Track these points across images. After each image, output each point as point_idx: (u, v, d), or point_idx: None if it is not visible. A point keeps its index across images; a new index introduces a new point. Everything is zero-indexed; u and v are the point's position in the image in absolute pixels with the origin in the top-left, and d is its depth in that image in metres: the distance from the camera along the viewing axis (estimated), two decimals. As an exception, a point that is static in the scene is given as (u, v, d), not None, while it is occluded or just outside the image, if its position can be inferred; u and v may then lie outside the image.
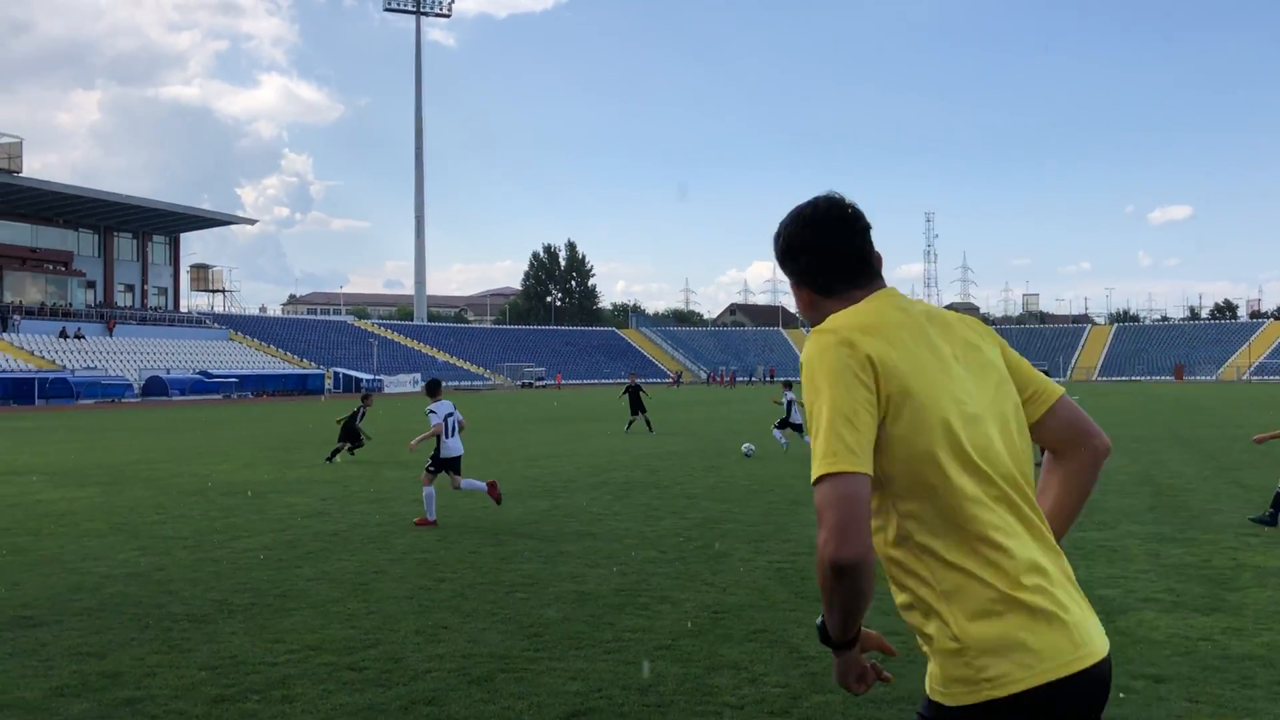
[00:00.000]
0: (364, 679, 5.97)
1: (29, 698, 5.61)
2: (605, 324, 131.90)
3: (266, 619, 7.38)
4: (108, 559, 9.79)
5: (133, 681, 5.90)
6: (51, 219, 76.41)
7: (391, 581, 8.68)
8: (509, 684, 5.88)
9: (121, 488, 15.87)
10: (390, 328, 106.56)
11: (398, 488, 15.55)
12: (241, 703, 5.54)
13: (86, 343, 69.74)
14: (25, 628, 7.16)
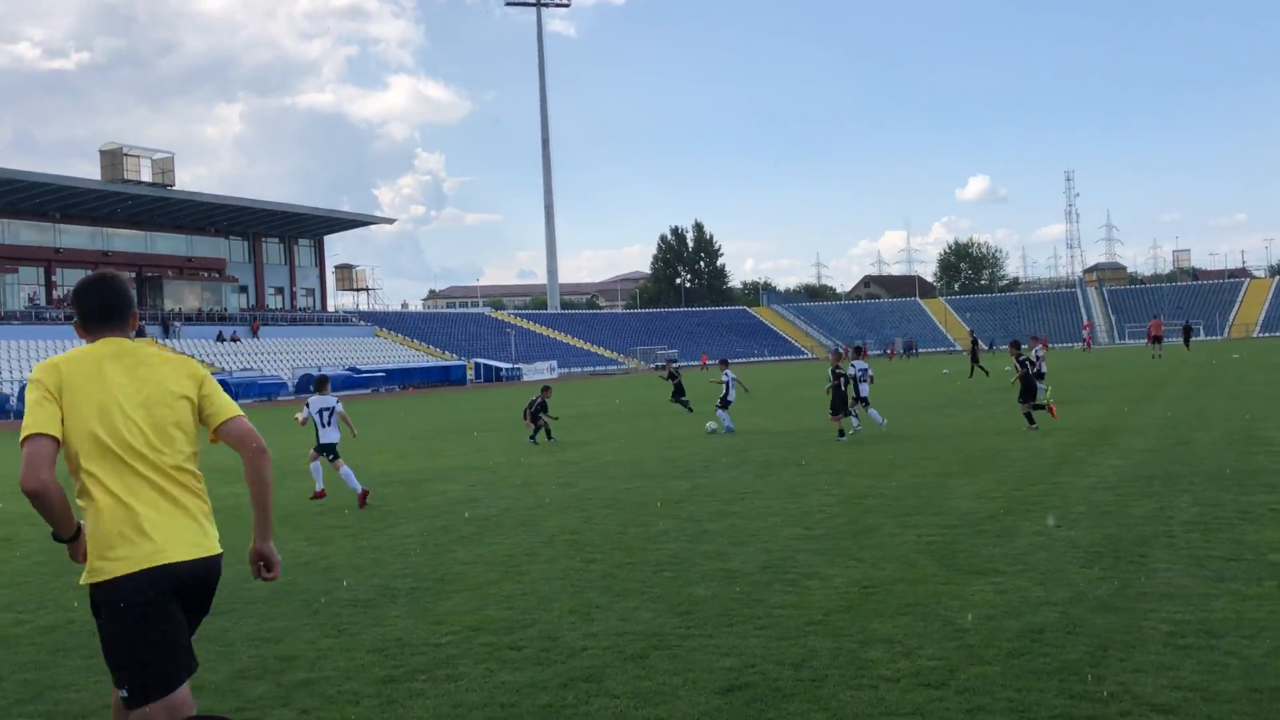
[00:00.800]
0: (523, 658, 6.15)
1: (215, 680, 5.97)
2: (735, 303, 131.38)
3: (427, 602, 7.67)
4: (277, 549, 10.27)
5: (307, 664, 6.22)
6: (204, 228, 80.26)
7: (543, 563, 8.90)
8: (663, 660, 5.98)
9: (283, 481, 16.63)
10: (526, 317, 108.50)
11: (543, 473, 15.87)
12: (409, 682, 5.78)
13: (242, 344, 73.17)
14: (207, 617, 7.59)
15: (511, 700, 5.39)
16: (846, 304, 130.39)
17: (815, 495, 12.09)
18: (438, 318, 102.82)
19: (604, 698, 5.39)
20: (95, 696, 5.76)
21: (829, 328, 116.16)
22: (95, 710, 5.52)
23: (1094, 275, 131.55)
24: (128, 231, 75.22)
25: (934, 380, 41.04)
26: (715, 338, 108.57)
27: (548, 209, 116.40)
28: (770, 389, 40.04)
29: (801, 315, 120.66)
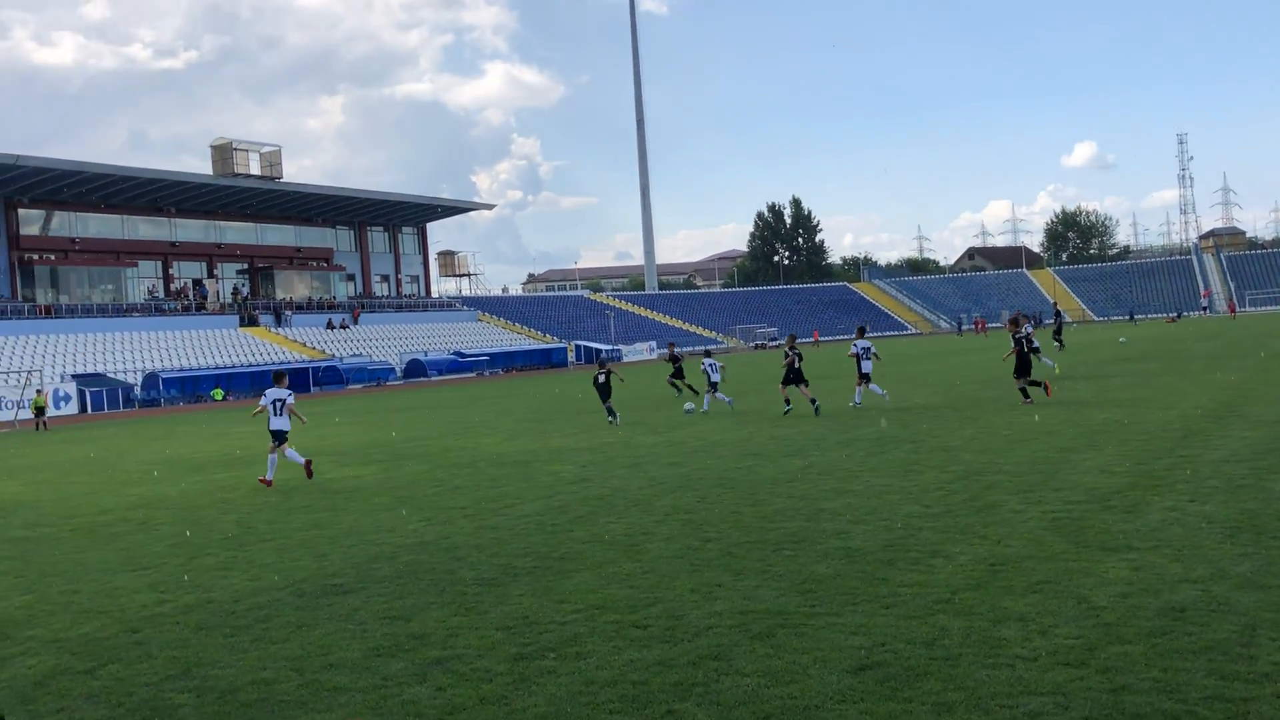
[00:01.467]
0: (649, 636, 6.18)
1: (352, 658, 6.13)
2: (835, 279, 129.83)
3: (550, 580, 7.76)
4: (399, 530, 10.54)
5: (438, 642, 6.34)
6: (312, 219, 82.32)
7: (660, 542, 8.92)
8: (791, 639, 5.94)
9: (399, 464, 17.01)
10: (624, 298, 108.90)
11: (652, 453, 15.92)
12: (539, 660, 5.85)
13: (351, 331, 74.99)
14: (338, 595, 7.82)
15: (642, 678, 5.42)
16: (951, 277, 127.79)
17: (931, 472, 11.89)
18: (538, 301, 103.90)
19: (734, 676, 5.39)
20: (240, 673, 5.97)
21: (933, 302, 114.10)
22: (241, 686, 5.72)
23: (1210, 241, 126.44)
24: (239, 224, 77.56)
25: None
26: (815, 315, 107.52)
27: (643, 190, 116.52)
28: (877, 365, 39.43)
29: (904, 290, 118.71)
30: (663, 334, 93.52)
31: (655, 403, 27.74)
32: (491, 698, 5.26)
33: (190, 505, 13.63)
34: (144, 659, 6.40)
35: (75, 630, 7.24)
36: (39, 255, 65.53)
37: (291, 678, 5.82)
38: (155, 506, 13.73)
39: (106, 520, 12.73)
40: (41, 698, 5.75)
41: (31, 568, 9.82)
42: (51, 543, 11.29)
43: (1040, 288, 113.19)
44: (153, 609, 7.76)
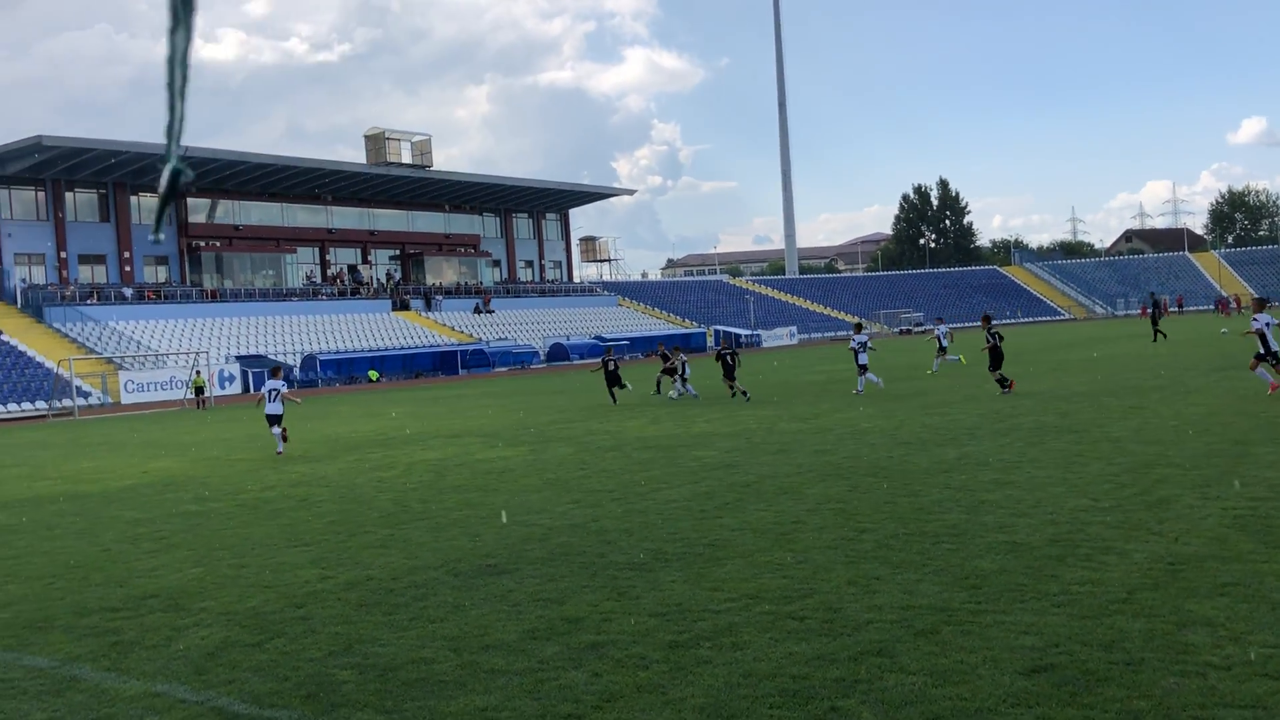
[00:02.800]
0: (807, 628, 6.01)
1: (507, 640, 6.16)
2: (984, 263, 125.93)
3: (701, 568, 7.66)
4: (548, 512, 10.61)
5: (592, 626, 6.31)
6: (460, 206, 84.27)
7: (813, 532, 8.73)
8: (956, 636, 5.70)
9: (546, 446, 17.20)
10: (763, 283, 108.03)
11: (797, 439, 15.67)
12: (695, 649, 5.76)
13: (497, 316, 76.57)
14: (492, 575, 7.90)
15: (802, 672, 5.26)
16: (1107, 260, 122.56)
17: (1097, 464, 11.33)
18: (677, 286, 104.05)
19: (898, 674, 5.18)
20: (399, 651, 6.06)
21: (1088, 286, 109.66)
22: (401, 665, 5.80)
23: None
24: (391, 211, 79.95)
25: (1209, 339, 37.88)
26: (963, 299, 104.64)
27: (784, 173, 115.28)
28: (1032, 351, 38.14)
29: (1057, 274, 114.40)
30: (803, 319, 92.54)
31: (798, 389, 27.40)
32: (648, 686, 5.19)
33: (347, 483, 14.05)
34: (308, 634, 6.57)
35: (243, 604, 7.50)
36: (205, 242, 68.89)
37: (450, 658, 5.87)
38: (315, 484, 14.21)
39: (270, 497, 13.22)
40: (213, 669, 5.94)
41: (201, 541, 10.25)
42: (220, 517, 11.78)
43: (1204, 271, 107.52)
44: (315, 585, 7.98)
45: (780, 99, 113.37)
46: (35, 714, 5.32)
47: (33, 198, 62.36)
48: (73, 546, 10.39)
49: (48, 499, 14.48)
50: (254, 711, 5.17)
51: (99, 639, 6.74)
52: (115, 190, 65.19)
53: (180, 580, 8.42)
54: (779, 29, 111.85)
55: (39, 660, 6.32)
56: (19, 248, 61.16)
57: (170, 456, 20.01)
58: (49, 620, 7.33)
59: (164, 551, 9.77)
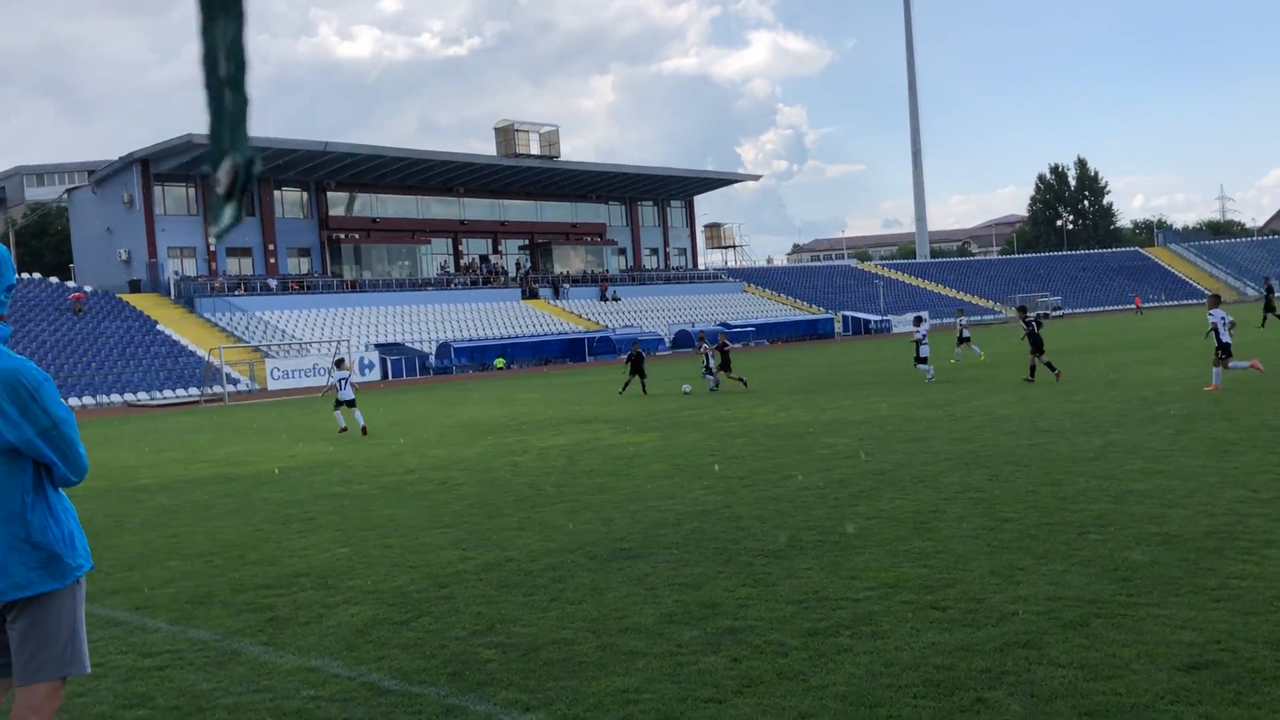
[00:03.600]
0: (949, 618, 5.90)
1: (646, 623, 6.21)
2: (1125, 244, 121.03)
3: (838, 556, 7.58)
4: (680, 497, 10.65)
5: (730, 612, 6.32)
6: (586, 195, 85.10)
7: (952, 521, 8.55)
8: (1107, 630, 5.51)
9: (675, 432, 17.26)
10: (893, 267, 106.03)
11: (932, 427, 15.36)
12: (834, 636, 5.71)
13: (623, 303, 77.13)
14: (627, 559, 7.98)
15: (946, 662, 5.17)
16: (1261, 240, 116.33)
17: (1254, 453, 10.79)
18: (804, 271, 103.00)
19: (1047, 666, 5.04)
20: (540, 632, 6.17)
21: (1239, 268, 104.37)
22: (542, 645, 5.90)
23: None
24: (520, 202, 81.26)
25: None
26: (1102, 282, 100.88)
27: (914, 154, 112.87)
28: (1176, 335, 36.54)
29: (1205, 254, 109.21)
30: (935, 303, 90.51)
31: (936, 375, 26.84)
32: (788, 673, 5.17)
33: (484, 467, 14.37)
34: (452, 613, 6.75)
35: (389, 583, 7.74)
36: (344, 234, 71.19)
37: (589, 639, 5.96)
38: (453, 468, 14.57)
39: (411, 480, 13.61)
40: (363, 645, 6.16)
41: (349, 522, 10.62)
42: (365, 499, 12.19)
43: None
44: (457, 565, 8.18)
45: (910, 79, 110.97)
46: (201, 684, 5.61)
47: (184, 194, 65.44)
48: (228, 526, 10.90)
49: (203, 481, 15.21)
50: (403, 688, 5.34)
51: (255, 614, 7.05)
52: (260, 186, 67.87)
53: (329, 559, 8.75)
54: (908, 7, 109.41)
55: (202, 633, 6.66)
56: (172, 242, 64.28)
57: (315, 441, 20.78)
58: (209, 596, 7.71)
59: (313, 532, 10.16)
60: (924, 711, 4.57)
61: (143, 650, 6.33)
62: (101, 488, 15.07)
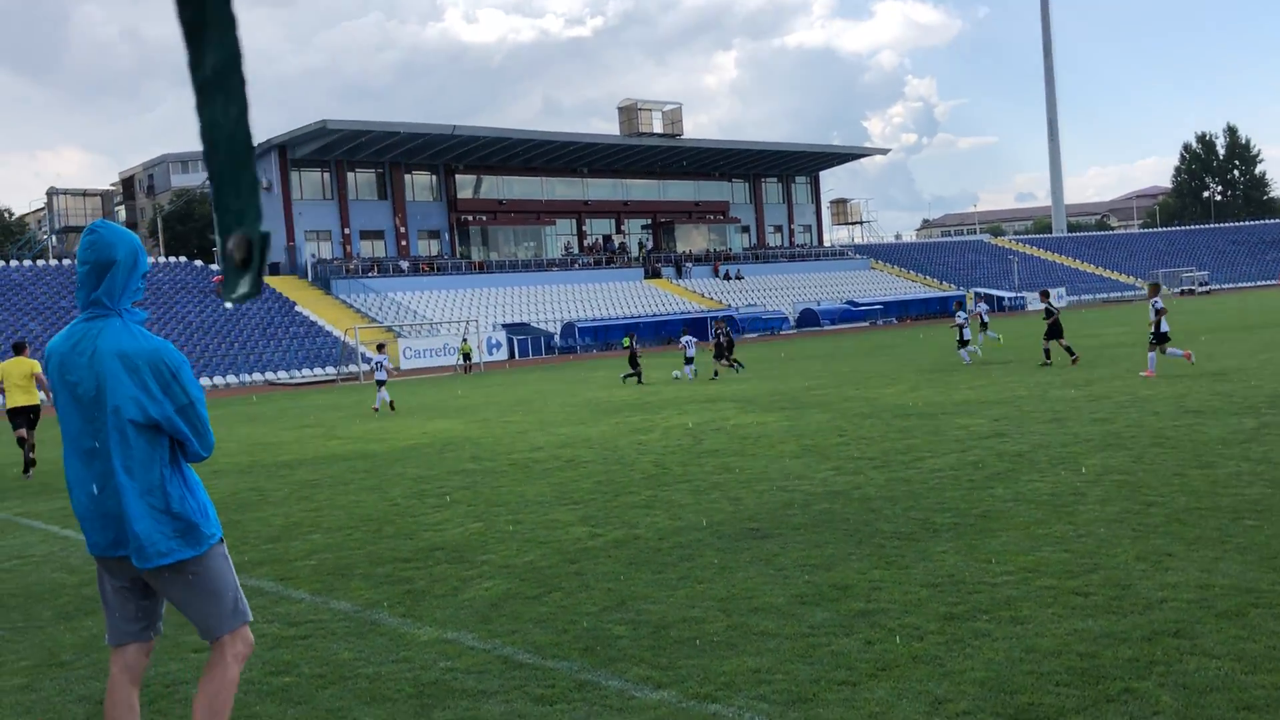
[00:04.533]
0: (1092, 605, 5.69)
1: (776, 603, 6.16)
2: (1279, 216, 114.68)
3: (973, 539, 7.39)
4: (808, 478, 10.54)
5: (861, 594, 6.22)
6: (709, 173, 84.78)
7: (1094, 504, 8.24)
8: (1267, 620, 5.23)
9: (801, 412, 17.09)
10: (1028, 242, 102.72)
11: (1073, 407, 14.84)
12: (971, 621, 5.56)
13: (745, 281, 76.71)
14: (755, 539, 7.93)
15: (1090, 650, 4.98)
16: None
17: None
18: (933, 247, 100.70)
19: (1200, 657, 4.81)
20: (670, 610, 6.18)
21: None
22: (672, 623, 5.92)
23: None
24: (643, 181, 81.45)
25: None
26: (1254, 256, 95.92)
27: (1050, 125, 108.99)
28: None
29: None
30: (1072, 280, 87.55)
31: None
32: (924, 657, 5.06)
33: (610, 445, 14.48)
34: (583, 589, 6.82)
35: (521, 558, 7.87)
36: (472, 216, 72.53)
37: (719, 618, 5.94)
38: (580, 445, 14.73)
39: (539, 457, 13.81)
40: (497, 619, 6.27)
41: (480, 498, 10.84)
42: (495, 475, 12.42)
43: None
44: (586, 542, 8.27)
45: (1045, 46, 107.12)
46: (343, 653, 5.80)
47: (319, 179, 67.58)
48: (365, 500, 11.24)
49: (340, 457, 15.73)
50: (537, 661, 5.42)
51: (393, 587, 7.25)
52: (391, 170, 69.62)
53: (462, 534, 8.94)
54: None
55: (343, 604, 6.88)
56: (308, 225, 66.50)
57: (446, 418, 21.28)
58: (349, 568, 7.96)
59: (446, 507, 10.40)
60: (1068, 700, 4.42)
61: (287, 620, 6.58)
62: (246, 463, 15.73)
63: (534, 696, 4.91)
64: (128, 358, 3.79)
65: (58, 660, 6.07)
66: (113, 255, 3.89)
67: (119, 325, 3.88)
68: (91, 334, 3.85)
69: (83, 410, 3.84)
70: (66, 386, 3.86)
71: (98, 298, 3.88)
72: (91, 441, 3.83)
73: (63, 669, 5.90)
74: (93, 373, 3.81)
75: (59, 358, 3.90)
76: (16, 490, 14.53)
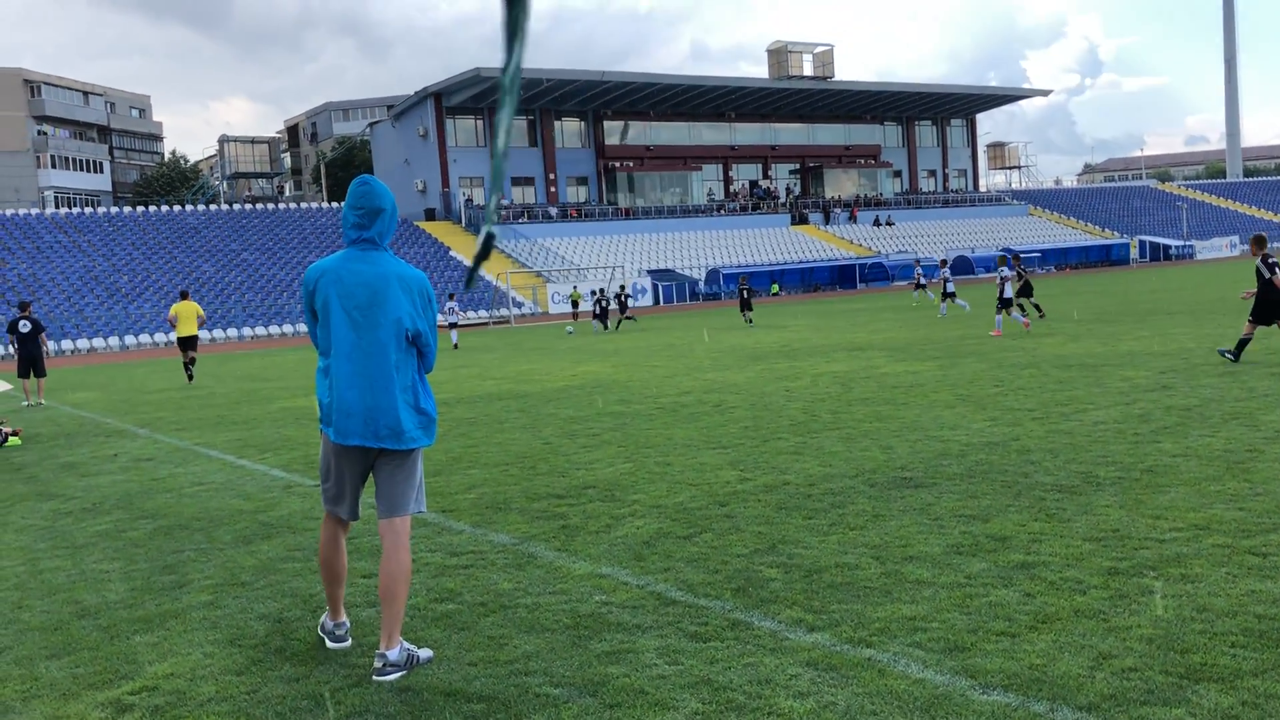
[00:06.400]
0: (1271, 565, 5.43)
1: (931, 553, 6.08)
2: None
3: (1139, 494, 7.12)
4: (963, 428, 10.32)
5: (1020, 547, 6.08)
6: (861, 117, 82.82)
7: (1272, 462, 7.82)
8: None
9: (955, 361, 16.69)
10: (1199, 188, 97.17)
11: (1247, 360, 14.05)
12: (1138, 577, 5.38)
13: (896, 229, 74.95)
14: (909, 488, 7.83)
15: (1269, 612, 4.76)
16: None
17: None
18: (1096, 193, 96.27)
19: (1392, 625, 4.54)
20: (822, 555, 6.18)
21: None
22: (825, 568, 5.91)
23: None
24: (792, 125, 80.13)
25: None
26: None
27: (1228, 61, 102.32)
28: None
29: None
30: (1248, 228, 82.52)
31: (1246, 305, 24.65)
32: (1087, 611, 4.93)
33: (757, 391, 14.46)
34: (733, 531, 6.87)
35: (671, 499, 7.97)
36: (619, 163, 72.79)
37: (872, 565, 5.91)
38: (727, 391, 14.76)
39: (686, 401, 13.90)
40: (650, 556, 6.38)
41: (629, 439, 11.00)
42: (643, 418, 12.57)
43: None
44: (735, 485, 8.31)
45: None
46: (503, 583, 6.00)
47: (473, 126, 68.80)
48: (519, 439, 11.54)
49: (495, 396, 16.16)
50: (690, 599, 5.50)
51: (548, 522, 7.45)
52: (541, 116, 70.34)
53: (613, 474, 9.10)
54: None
55: (501, 537, 7.11)
56: (463, 172, 67.92)
57: (594, 361, 21.59)
58: (506, 503, 8.21)
59: (597, 448, 10.60)
60: (1244, 662, 4.24)
61: (449, 550, 6.84)
62: (405, 400, 16.31)
63: (688, 633, 4.99)
64: (404, 280, 4.69)
65: (239, 580, 6.47)
66: (382, 204, 4.73)
67: (391, 256, 4.78)
68: (370, 260, 4.69)
69: (357, 321, 4.62)
70: (340, 300, 4.64)
71: (370, 236, 4.72)
72: (366, 347, 4.61)
73: (244, 589, 6.28)
74: (371, 290, 4.63)
75: (333, 276, 4.68)
76: (196, 423, 15.45)
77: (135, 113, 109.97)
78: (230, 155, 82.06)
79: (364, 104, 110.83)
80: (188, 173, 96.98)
